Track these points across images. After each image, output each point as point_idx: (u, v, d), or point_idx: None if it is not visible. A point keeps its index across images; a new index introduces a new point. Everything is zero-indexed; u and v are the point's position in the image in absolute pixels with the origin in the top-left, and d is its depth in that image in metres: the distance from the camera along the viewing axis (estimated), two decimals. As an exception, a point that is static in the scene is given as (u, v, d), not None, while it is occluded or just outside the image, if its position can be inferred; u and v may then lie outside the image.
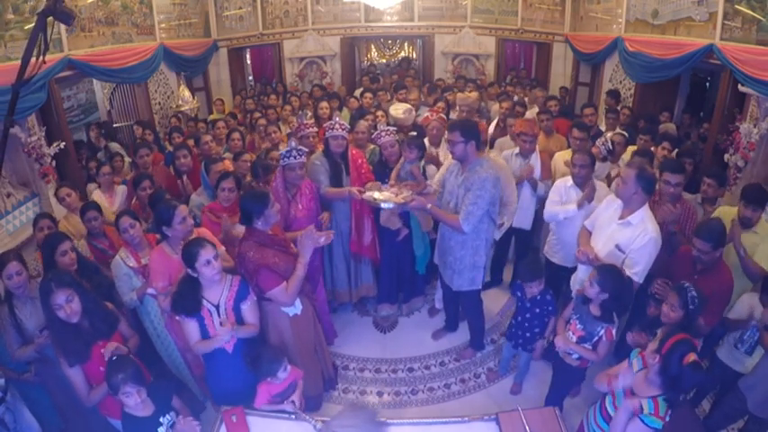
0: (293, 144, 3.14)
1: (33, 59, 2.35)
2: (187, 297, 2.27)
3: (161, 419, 2.11)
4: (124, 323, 2.52)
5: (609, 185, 3.41)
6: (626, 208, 2.61)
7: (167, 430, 2.12)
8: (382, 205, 2.96)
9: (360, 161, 3.61)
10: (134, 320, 2.87)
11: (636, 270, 2.52)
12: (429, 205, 2.93)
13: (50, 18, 2.44)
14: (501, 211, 3.21)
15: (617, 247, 2.59)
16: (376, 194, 3.00)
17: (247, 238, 2.49)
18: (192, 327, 2.31)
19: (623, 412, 1.97)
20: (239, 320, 2.39)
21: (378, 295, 3.94)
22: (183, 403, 2.33)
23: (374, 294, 3.95)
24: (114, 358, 2.11)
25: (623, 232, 2.58)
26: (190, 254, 2.23)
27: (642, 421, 1.91)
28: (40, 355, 2.46)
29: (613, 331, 2.44)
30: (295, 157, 3.09)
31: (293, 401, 2.36)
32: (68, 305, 2.14)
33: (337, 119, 3.53)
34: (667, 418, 1.92)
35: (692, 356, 1.84)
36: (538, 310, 2.92)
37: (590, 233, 2.84)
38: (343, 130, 3.43)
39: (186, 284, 2.30)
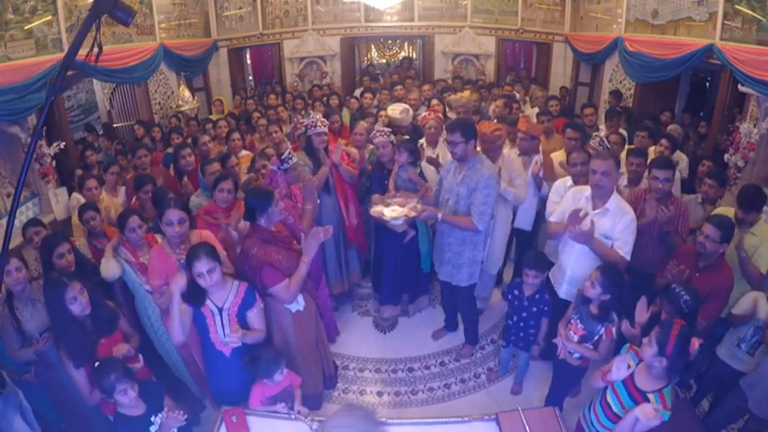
0: (289, 145, 3.17)
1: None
2: (194, 287, 2.27)
3: (152, 419, 2.12)
4: (124, 321, 2.52)
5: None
6: (598, 198, 2.67)
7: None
8: (391, 222, 2.91)
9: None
10: (133, 320, 2.87)
11: (627, 250, 2.61)
12: (440, 215, 2.91)
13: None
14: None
15: (603, 235, 2.64)
16: (386, 211, 2.94)
17: (251, 234, 2.53)
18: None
19: (632, 416, 1.97)
20: (242, 325, 2.38)
21: (380, 297, 3.94)
22: (179, 403, 2.33)
23: (361, 280, 4.04)
24: (97, 365, 2.12)
25: (603, 220, 2.64)
26: (189, 263, 2.22)
27: None
28: (40, 358, 2.45)
29: (613, 330, 2.44)
30: (294, 158, 3.14)
31: (293, 408, 2.36)
32: (82, 295, 2.18)
33: (318, 116, 3.59)
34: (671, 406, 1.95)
35: (695, 343, 1.88)
36: (535, 309, 2.92)
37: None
38: (324, 126, 3.49)
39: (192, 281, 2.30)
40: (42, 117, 1.92)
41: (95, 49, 1.89)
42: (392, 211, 2.93)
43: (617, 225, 2.60)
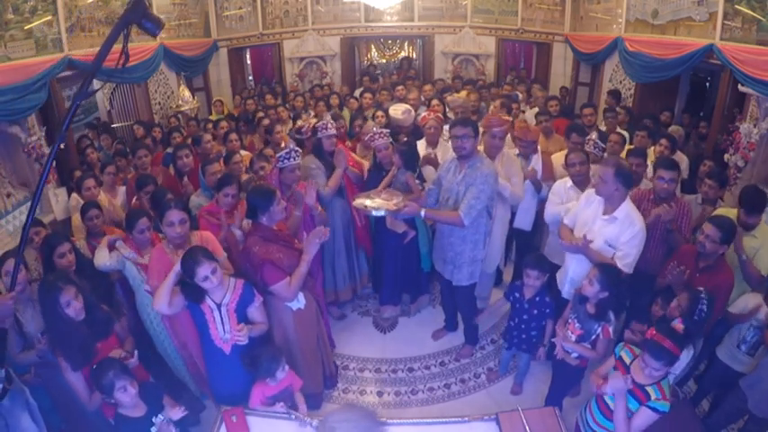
0: (292, 145, 3.15)
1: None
2: (192, 286, 2.28)
3: (153, 419, 2.12)
4: (119, 324, 2.52)
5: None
6: (608, 204, 2.64)
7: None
8: (373, 213, 2.91)
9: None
10: (134, 319, 2.87)
11: (627, 262, 2.56)
12: (422, 211, 2.91)
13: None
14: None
15: (607, 243, 2.61)
16: (367, 202, 2.95)
17: (253, 232, 2.54)
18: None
19: (620, 401, 1.98)
20: (241, 321, 2.39)
21: (380, 297, 3.94)
22: (178, 403, 2.32)
23: (368, 283, 4.01)
24: (95, 366, 2.11)
25: (610, 227, 2.61)
26: (187, 270, 2.22)
27: (652, 408, 1.92)
28: (42, 359, 2.44)
29: (610, 329, 2.45)
30: (294, 159, 3.11)
31: (293, 407, 2.36)
32: (77, 300, 2.16)
33: (327, 118, 3.58)
34: (671, 398, 1.95)
35: (679, 327, 1.93)
36: (536, 312, 2.92)
37: (571, 230, 2.85)
38: (334, 129, 3.49)
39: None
40: (67, 121, 1.93)
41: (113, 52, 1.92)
42: (373, 202, 2.93)
43: (622, 235, 2.56)
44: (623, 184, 2.55)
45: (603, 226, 2.64)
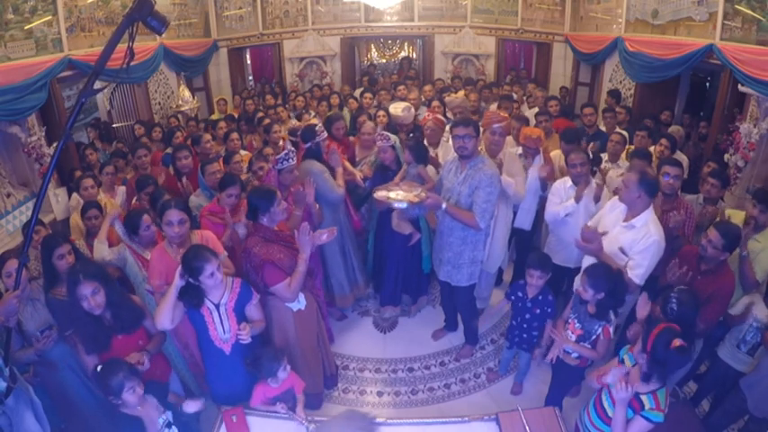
0: (289, 146, 3.16)
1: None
2: (191, 292, 2.27)
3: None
4: (150, 319, 2.51)
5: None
6: (630, 211, 2.62)
7: (164, 429, 2.11)
8: (395, 205, 2.83)
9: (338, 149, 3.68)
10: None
11: (637, 272, 2.52)
12: (444, 204, 2.84)
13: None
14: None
15: (620, 249, 2.59)
16: (390, 194, 2.87)
17: (254, 233, 2.55)
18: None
19: (621, 409, 1.98)
20: (240, 320, 2.39)
21: (380, 298, 3.94)
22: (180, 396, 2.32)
23: (369, 289, 4.01)
24: (100, 368, 2.09)
25: (626, 235, 2.59)
26: (192, 268, 2.20)
27: (646, 418, 1.92)
28: (41, 358, 2.45)
29: (611, 329, 2.45)
30: (292, 160, 3.13)
31: (293, 409, 2.35)
32: (93, 297, 2.16)
33: (318, 124, 3.60)
34: (667, 410, 1.93)
35: (677, 342, 1.87)
36: (538, 311, 2.91)
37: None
38: (323, 132, 3.46)
39: (190, 284, 2.29)
40: (72, 119, 1.92)
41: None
42: (396, 194, 2.86)
43: (636, 244, 2.53)
44: (646, 192, 2.53)
45: (621, 232, 2.62)
